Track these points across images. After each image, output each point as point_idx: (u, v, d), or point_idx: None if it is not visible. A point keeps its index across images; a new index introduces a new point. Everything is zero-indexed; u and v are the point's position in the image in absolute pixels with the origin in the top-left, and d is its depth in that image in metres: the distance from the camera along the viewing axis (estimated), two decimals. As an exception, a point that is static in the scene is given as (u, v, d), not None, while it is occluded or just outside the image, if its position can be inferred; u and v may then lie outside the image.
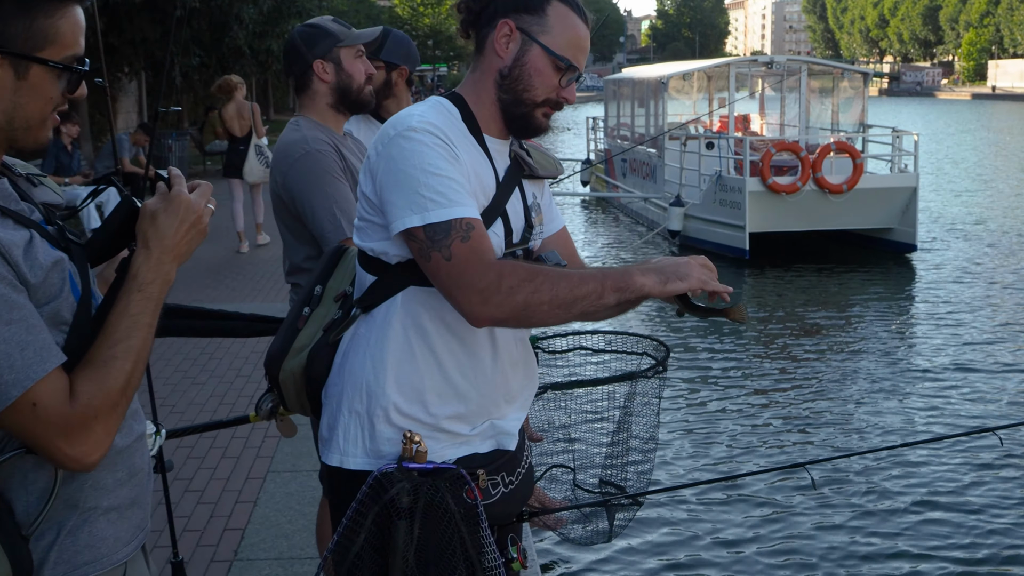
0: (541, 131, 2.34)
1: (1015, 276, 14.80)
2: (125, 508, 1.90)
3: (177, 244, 1.88)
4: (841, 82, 19.89)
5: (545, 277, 2.08)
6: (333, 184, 3.33)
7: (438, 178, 2.12)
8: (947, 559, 6.18)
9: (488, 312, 2.09)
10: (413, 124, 2.17)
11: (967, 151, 36.87)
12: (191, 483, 5.50)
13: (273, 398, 2.76)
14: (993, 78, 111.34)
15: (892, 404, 9.03)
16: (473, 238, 2.10)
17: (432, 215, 2.10)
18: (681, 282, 2.10)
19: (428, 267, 2.15)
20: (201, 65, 20.60)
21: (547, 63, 2.26)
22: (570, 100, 2.32)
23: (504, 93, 2.28)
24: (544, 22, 2.26)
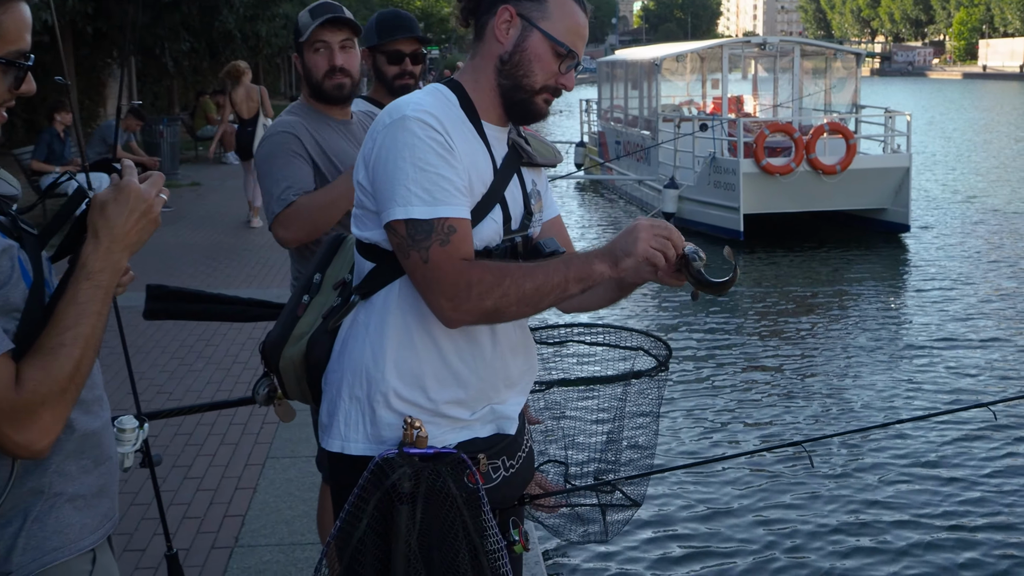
0: (540, 117, 2.35)
1: (1007, 255, 14.84)
2: (92, 496, 1.93)
3: (127, 234, 1.89)
4: (834, 63, 19.87)
5: (512, 280, 2.13)
6: (279, 161, 3.37)
7: (426, 174, 2.14)
8: (943, 533, 6.20)
9: (459, 317, 2.16)
10: (408, 113, 2.18)
11: (959, 131, 36.88)
12: (190, 470, 5.51)
13: (269, 383, 2.77)
14: (984, 57, 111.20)
15: (886, 381, 9.06)
16: (452, 242, 2.14)
17: (415, 211, 2.13)
18: (628, 258, 2.13)
19: (406, 264, 2.18)
20: (191, 50, 20.49)
21: (547, 49, 2.26)
22: (568, 87, 2.32)
23: (504, 79, 2.29)
24: (544, 8, 2.26)
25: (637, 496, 3.11)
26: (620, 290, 2.44)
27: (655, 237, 2.13)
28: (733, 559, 5.96)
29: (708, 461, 6.75)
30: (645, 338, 3.13)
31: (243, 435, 6.00)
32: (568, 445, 3.17)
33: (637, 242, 2.12)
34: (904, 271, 14.28)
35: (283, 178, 3.36)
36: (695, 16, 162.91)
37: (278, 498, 5.13)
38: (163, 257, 11.39)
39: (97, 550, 1.94)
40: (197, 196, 16.85)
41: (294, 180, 3.35)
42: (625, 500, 3.10)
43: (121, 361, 3.35)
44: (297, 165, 3.39)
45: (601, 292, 2.42)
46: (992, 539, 6.17)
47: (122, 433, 2.67)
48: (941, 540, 6.17)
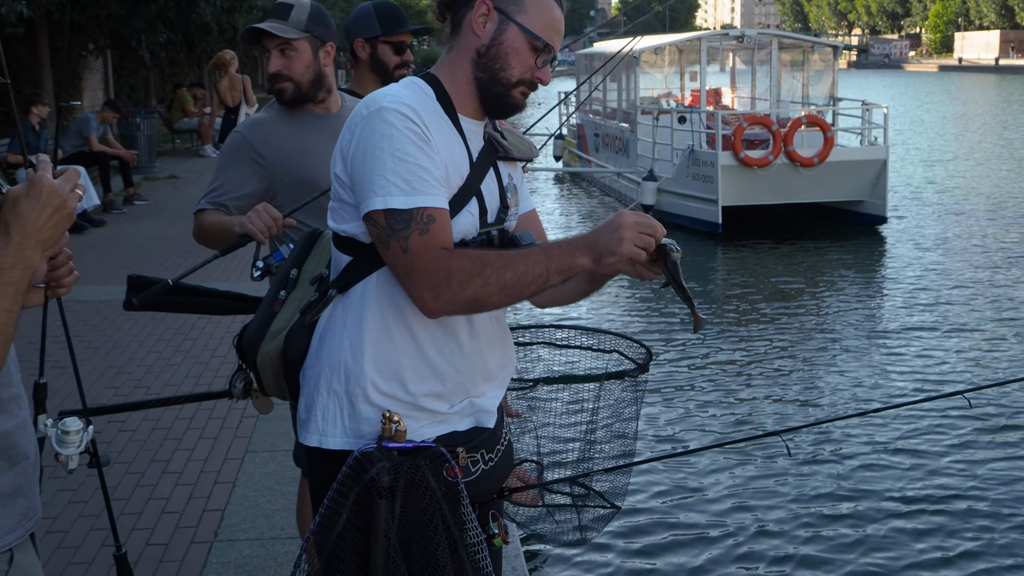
0: (517, 110, 2.36)
1: (983, 246, 14.94)
2: (7, 496, 1.91)
3: (40, 229, 1.85)
4: (811, 55, 19.94)
5: (492, 269, 2.13)
6: (222, 163, 3.51)
7: (405, 164, 2.14)
8: (920, 519, 6.25)
9: (439, 306, 2.16)
10: (385, 105, 2.18)
11: (935, 123, 37.08)
12: (169, 465, 5.49)
13: (245, 376, 2.77)
14: (960, 50, 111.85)
15: (863, 371, 9.12)
16: (431, 231, 2.14)
17: (395, 201, 2.13)
18: (612, 256, 2.13)
19: (386, 255, 2.19)
20: (168, 42, 20.37)
21: (524, 42, 2.27)
22: (544, 81, 2.33)
23: (480, 72, 2.29)
24: (521, 2, 2.28)
25: (616, 499, 3.06)
26: (593, 283, 2.44)
27: (639, 236, 2.13)
28: (710, 549, 6.00)
29: (685, 453, 6.79)
30: (624, 341, 3.10)
31: (222, 429, 5.98)
32: (544, 445, 3.14)
33: (622, 242, 2.12)
34: (881, 262, 14.36)
35: (217, 180, 3.49)
36: (673, 9, 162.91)
37: (257, 492, 5.12)
38: (141, 250, 11.34)
39: (15, 550, 1.93)
40: (174, 189, 16.77)
41: (223, 186, 3.46)
42: (603, 503, 3.06)
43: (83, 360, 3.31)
44: (238, 171, 3.47)
45: (573, 285, 2.42)
46: (967, 524, 6.24)
47: (66, 435, 2.62)
48: (917, 527, 6.23)
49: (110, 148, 15.04)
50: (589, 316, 11.10)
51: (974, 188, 20.69)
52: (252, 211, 3.22)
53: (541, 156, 23.97)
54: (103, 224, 13.27)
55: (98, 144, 14.71)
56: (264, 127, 3.53)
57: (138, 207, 14.87)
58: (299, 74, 3.47)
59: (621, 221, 2.14)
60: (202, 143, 22.05)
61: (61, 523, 4.75)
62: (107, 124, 15.54)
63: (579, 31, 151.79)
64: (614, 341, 3.10)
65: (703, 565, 5.86)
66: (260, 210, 3.20)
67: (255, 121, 3.58)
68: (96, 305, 8.83)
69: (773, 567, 5.86)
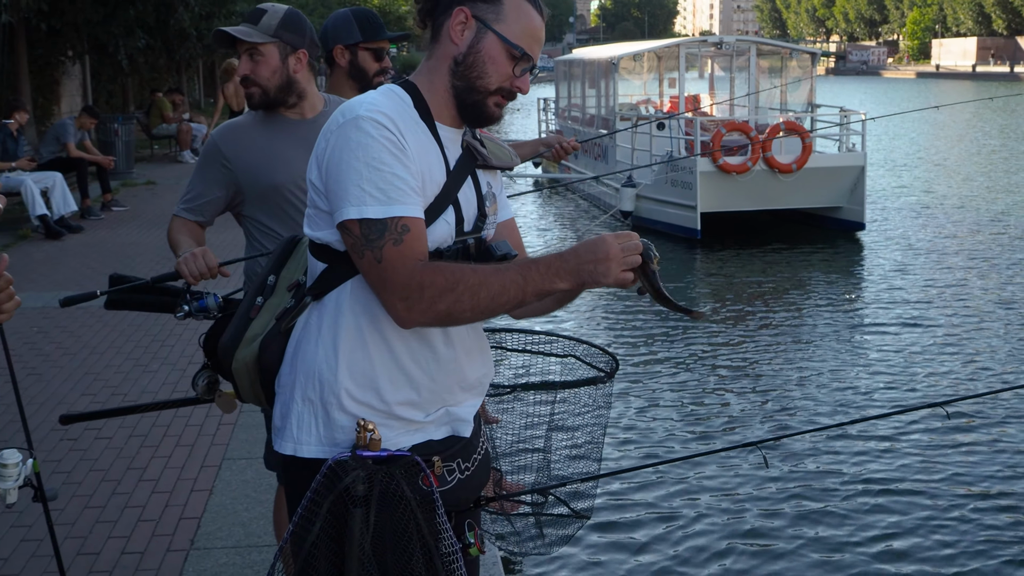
0: (493, 120, 2.35)
1: (960, 252, 15.04)
2: None
3: None
4: (790, 62, 20.04)
5: (466, 287, 2.12)
6: (197, 170, 3.63)
7: (380, 173, 2.14)
8: (895, 531, 6.28)
9: (412, 318, 2.16)
10: (361, 113, 2.18)
11: (912, 130, 37.29)
12: (145, 472, 5.46)
13: (209, 374, 2.77)
14: (937, 57, 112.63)
15: (842, 381, 9.14)
16: (405, 242, 2.14)
17: (369, 210, 2.13)
18: (598, 286, 2.12)
19: (360, 264, 2.19)
20: (146, 47, 20.29)
21: (501, 51, 2.27)
22: (524, 90, 2.33)
23: (458, 80, 2.29)
24: (499, 10, 2.27)
25: (582, 509, 3.01)
26: (567, 294, 2.39)
27: (626, 261, 2.11)
28: (687, 563, 5.99)
29: (660, 463, 6.78)
30: (589, 348, 3.06)
31: (199, 436, 5.96)
32: (504, 454, 3.11)
33: (609, 273, 2.10)
34: (859, 269, 14.43)
35: (190, 186, 3.62)
36: (652, 15, 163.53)
37: (234, 500, 5.10)
38: (119, 255, 11.29)
39: None
40: (152, 195, 16.71)
41: (194, 191, 3.59)
42: (568, 512, 3.01)
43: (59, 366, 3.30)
44: (207, 176, 3.58)
45: (548, 301, 2.41)
46: (944, 537, 6.26)
47: (3, 468, 2.58)
48: (892, 538, 6.25)
49: (88, 154, 14.96)
50: (559, 319, 11.11)
51: (952, 194, 20.83)
52: (191, 253, 3.31)
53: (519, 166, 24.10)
54: (81, 230, 13.20)
55: (76, 150, 14.63)
56: (235, 131, 3.58)
57: (116, 213, 14.79)
58: (265, 79, 3.48)
59: (608, 252, 2.11)
60: (180, 149, 21.97)
61: (13, 564, 4.50)
62: (85, 130, 15.46)
63: (558, 37, 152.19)
64: (578, 348, 3.08)
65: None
66: (198, 254, 3.30)
67: (228, 125, 3.64)
68: (73, 311, 8.76)
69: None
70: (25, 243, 12.38)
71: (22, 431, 3.17)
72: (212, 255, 3.30)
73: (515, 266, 2.17)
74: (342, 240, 2.21)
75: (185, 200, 3.59)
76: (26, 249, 11.92)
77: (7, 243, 12.16)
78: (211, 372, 2.83)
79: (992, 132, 36.01)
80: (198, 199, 3.57)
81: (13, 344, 2.53)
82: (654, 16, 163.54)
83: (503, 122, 3.81)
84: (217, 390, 2.88)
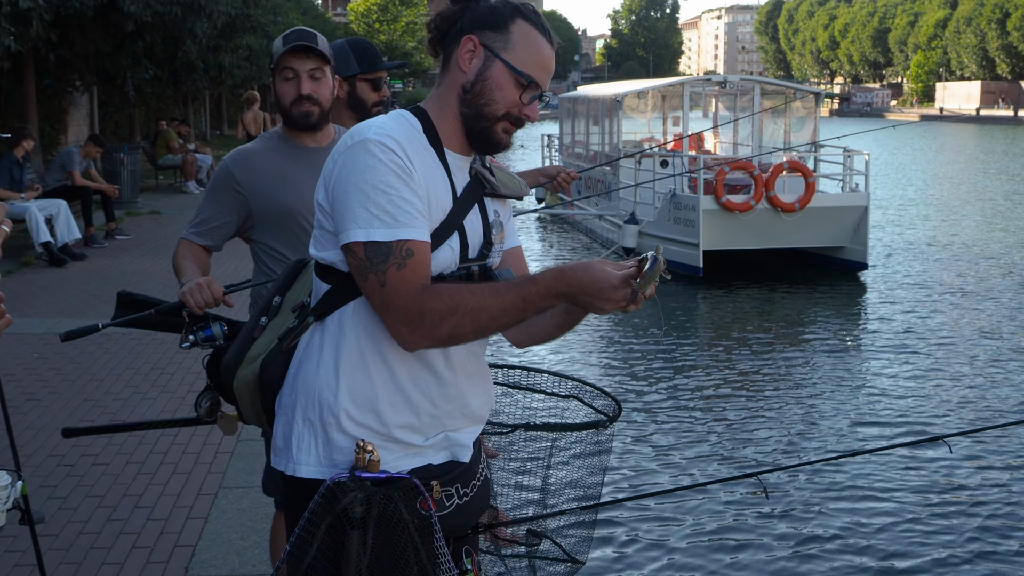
0: (501, 147, 2.36)
1: (963, 294, 15.01)
2: None
3: None
4: (793, 102, 20.11)
5: (465, 311, 2.14)
6: (208, 194, 3.64)
7: (387, 196, 2.15)
8: (896, 563, 6.23)
9: (415, 340, 2.18)
10: (370, 136, 2.19)
11: (915, 171, 37.40)
12: (141, 499, 5.43)
13: (211, 396, 2.77)
14: (941, 100, 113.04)
15: (842, 417, 9.10)
16: (408, 266, 2.14)
17: (376, 233, 2.14)
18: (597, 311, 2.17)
19: (364, 287, 2.19)
20: (154, 78, 20.42)
21: (509, 79, 2.28)
22: (532, 118, 2.33)
23: (466, 107, 2.30)
24: (507, 39, 2.29)
25: (578, 553, 2.97)
26: (568, 314, 2.41)
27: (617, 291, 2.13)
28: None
29: (658, 494, 6.74)
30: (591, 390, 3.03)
31: (196, 464, 5.93)
32: (502, 493, 3.07)
33: (604, 310, 2.15)
34: (861, 309, 14.41)
35: (201, 210, 3.62)
36: (657, 55, 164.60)
37: (230, 528, 5.07)
38: (121, 283, 11.28)
39: None
40: (157, 224, 16.74)
41: (204, 217, 3.59)
42: (561, 554, 2.95)
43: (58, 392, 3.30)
44: (218, 201, 3.58)
45: (550, 319, 2.42)
46: (946, 569, 6.21)
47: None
48: (889, 573, 6.20)
49: (92, 182, 15.01)
50: (559, 353, 11.09)
51: (955, 236, 20.83)
52: (196, 284, 3.28)
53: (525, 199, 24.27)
54: (84, 258, 13.21)
55: (80, 178, 14.68)
56: (247, 156, 3.59)
57: (119, 242, 14.82)
58: (325, 99, 3.54)
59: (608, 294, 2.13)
60: (185, 179, 22.05)
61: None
62: (91, 159, 15.53)
63: (563, 75, 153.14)
64: (580, 389, 3.05)
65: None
66: (203, 284, 3.27)
67: (241, 151, 3.64)
68: (73, 338, 8.75)
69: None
70: (28, 270, 12.39)
71: (17, 451, 3.15)
72: (217, 285, 3.29)
73: (515, 286, 2.18)
74: (347, 261, 2.21)
75: (195, 224, 3.60)
76: (29, 276, 11.93)
77: (10, 269, 12.18)
78: (214, 394, 2.83)
79: (992, 172, 36.09)
80: (208, 223, 3.58)
81: (13, 369, 2.53)
82: (659, 56, 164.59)
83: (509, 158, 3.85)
84: (219, 412, 2.87)
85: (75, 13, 14.34)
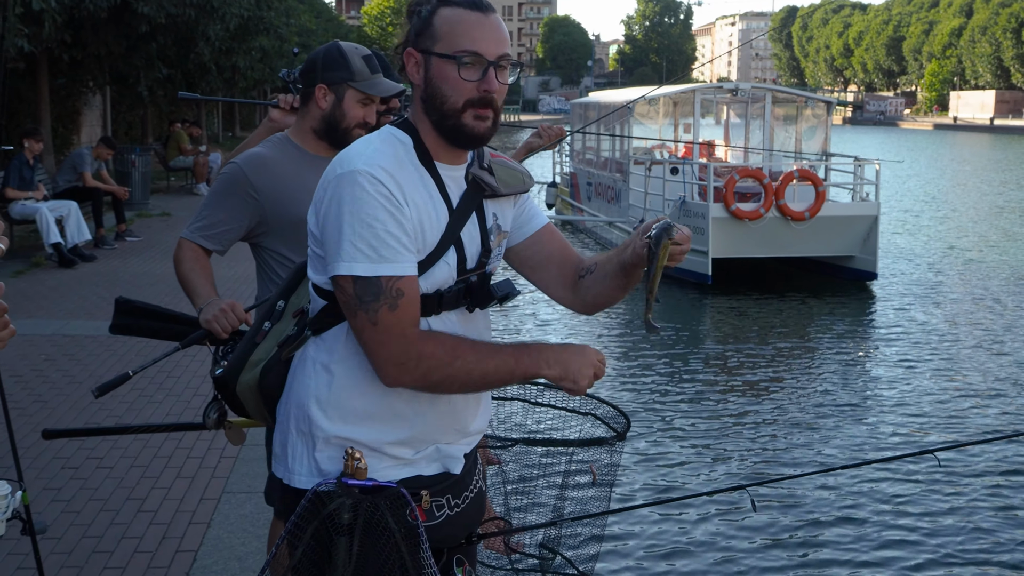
0: (479, 135, 2.29)
1: (974, 305, 14.97)
2: None
3: None
4: (805, 110, 20.08)
5: (463, 363, 2.19)
6: (215, 197, 3.53)
7: (372, 230, 2.14)
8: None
9: (402, 381, 2.20)
10: (359, 167, 2.18)
11: (928, 181, 37.30)
12: (144, 503, 5.44)
13: (219, 407, 2.78)
14: (955, 109, 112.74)
15: (845, 428, 9.05)
16: (400, 306, 2.15)
17: (359, 267, 2.14)
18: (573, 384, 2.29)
19: (353, 323, 2.20)
20: (167, 79, 20.52)
21: (447, 67, 2.25)
22: (491, 88, 2.26)
23: (432, 114, 2.30)
24: (433, 33, 2.27)
25: (586, 567, 3.00)
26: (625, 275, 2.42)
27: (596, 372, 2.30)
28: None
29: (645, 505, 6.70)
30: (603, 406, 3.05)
31: (200, 469, 5.94)
32: (514, 507, 3.08)
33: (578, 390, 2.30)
34: (871, 319, 14.37)
35: (209, 214, 3.52)
36: (670, 61, 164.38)
37: (232, 534, 5.08)
38: (131, 285, 11.32)
39: None
40: (167, 226, 16.80)
41: (213, 220, 3.50)
42: (572, 569, 2.99)
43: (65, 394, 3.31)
44: (229, 205, 3.49)
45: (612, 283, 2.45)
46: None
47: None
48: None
49: (103, 184, 15.07)
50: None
51: (966, 248, 20.77)
52: (219, 310, 3.25)
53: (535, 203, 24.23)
54: (94, 259, 13.26)
55: (92, 180, 14.74)
56: (264, 162, 3.51)
57: (130, 243, 14.87)
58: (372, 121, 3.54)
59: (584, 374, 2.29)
60: (196, 181, 22.11)
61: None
62: (102, 160, 15.59)
63: (576, 81, 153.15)
64: (592, 404, 3.06)
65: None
66: (227, 309, 3.25)
67: (256, 156, 3.55)
68: (82, 340, 8.80)
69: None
70: (38, 270, 12.43)
71: (18, 459, 3.16)
72: (240, 307, 3.26)
73: (510, 349, 2.24)
74: (336, 295, 2.22)
75: (201, 227, 3.51)
76: (38, 276, 11.98)
77: (20, 270, 12.23)
78: (221, 404, 2.84)
79: (1009, 184, 35.96)
80: (217, 226, 3.50)
81: (21, 370, 2.55)
82: (672, 62, 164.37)
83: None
84: (227, 422, 2.88)
85: (89, 15, 14.41)
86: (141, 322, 3.40)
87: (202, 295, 3.36)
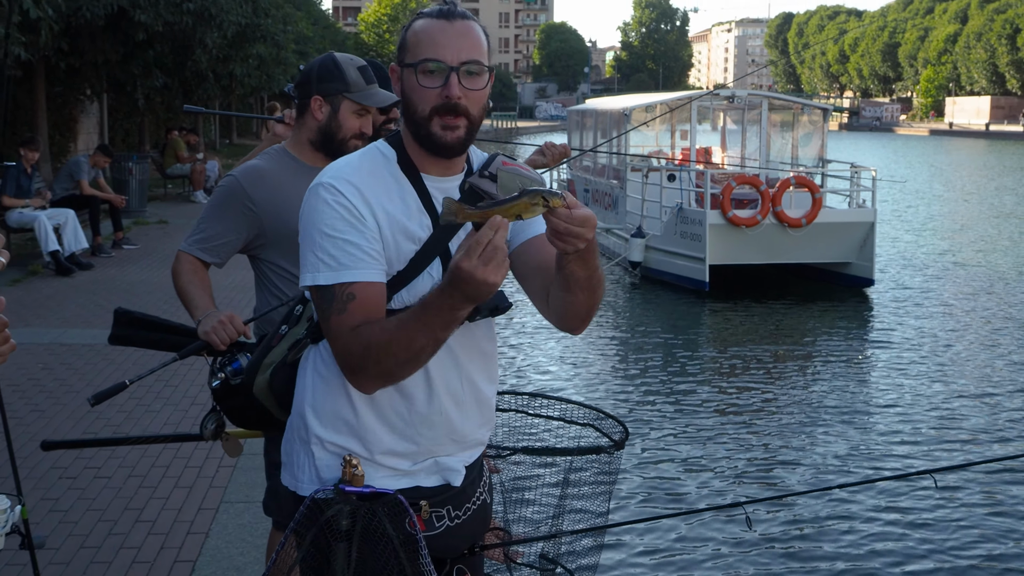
0: (448, 144, 2.26)
1: (970, 312, 14.98)
2: None
3: None
4: (801, 117, 20.12)
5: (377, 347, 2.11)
6: (213, 210, 3.53)
7: (333, 240, 2.18)
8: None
9: (362, 384, 2.21)
10: (323, 180, 2.24)
11: (923, 187, 37.34)
12: (142, 513, 5.44)
13: (217, 418, 2.79)
14: (950, 115, 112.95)
15: (839, 443, 8.96)
16: (348, 310, 2.16)
17: (321, 277, 2.18)
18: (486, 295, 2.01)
19: (323, 329, 2.24)
20: (164, 87, 20.52)
21: (412, 77, 2.27)
22: (452, 95, 2.23)
23: (409, 126, 2.32)
24: (405, 45, 2.30)
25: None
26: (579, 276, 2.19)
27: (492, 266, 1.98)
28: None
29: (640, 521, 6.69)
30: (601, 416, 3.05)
31: (198, 478, 5.94)
32: (511, 512, 3.08)
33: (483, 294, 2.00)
34: (867, 326, 14.38)
35: (207, 227, 3.51)
36: (667, 68, 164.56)
37: (230, 544, 5.07)
38: (128, 293, 11.32)
39: None
40: (164, 234, 16.78)
41: (212, 233, 3.50)
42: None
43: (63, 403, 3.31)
44: (227, 217, 3.49)
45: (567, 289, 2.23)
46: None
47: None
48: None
49: (100, 192, 15.06)
50: (564, 378, 11.09)
51: (963, 253, 20.80)
52: (218, 322, 3.23)
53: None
54: (91, 267, 13.25)
55: (88, 188, 14.73)
56: (262, 175, 3.51)
57: (127, 251, 14.86)
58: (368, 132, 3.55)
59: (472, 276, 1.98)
60: (193, 189, 22.11)
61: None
62: (99, 168, 15.58)
63: (572, 87, 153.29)
64: (590, 415, 3.06)
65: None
66: (225, 321, 3.24)
67: (254, 169, 3.55)
68: (79, 348, 8.80)
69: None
70: (35, 279, 12.42)
71: (18, 474, 3.16)
72: (238, 319, 3.26)
73: (412, 314, 2.10)
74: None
75: (200, 240, 3.51)
76: (36, 284, 11.97)
77: (17, 278, 12.21)
78: (219, 416, 2.84)
79: (1006, 188, 36.02)
80: (216, 239, 3.49)
81: (18, 380, 2.55)
82: (669, 68, 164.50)
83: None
84: (224, 434, 2.89)
85: (86, 23, 14.42)
86: (140, 333, 3.41)
87: (200, 307, 3.35)
